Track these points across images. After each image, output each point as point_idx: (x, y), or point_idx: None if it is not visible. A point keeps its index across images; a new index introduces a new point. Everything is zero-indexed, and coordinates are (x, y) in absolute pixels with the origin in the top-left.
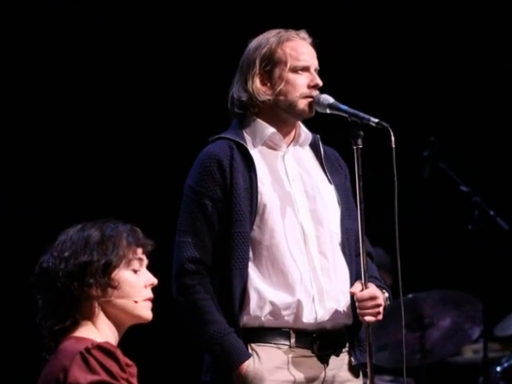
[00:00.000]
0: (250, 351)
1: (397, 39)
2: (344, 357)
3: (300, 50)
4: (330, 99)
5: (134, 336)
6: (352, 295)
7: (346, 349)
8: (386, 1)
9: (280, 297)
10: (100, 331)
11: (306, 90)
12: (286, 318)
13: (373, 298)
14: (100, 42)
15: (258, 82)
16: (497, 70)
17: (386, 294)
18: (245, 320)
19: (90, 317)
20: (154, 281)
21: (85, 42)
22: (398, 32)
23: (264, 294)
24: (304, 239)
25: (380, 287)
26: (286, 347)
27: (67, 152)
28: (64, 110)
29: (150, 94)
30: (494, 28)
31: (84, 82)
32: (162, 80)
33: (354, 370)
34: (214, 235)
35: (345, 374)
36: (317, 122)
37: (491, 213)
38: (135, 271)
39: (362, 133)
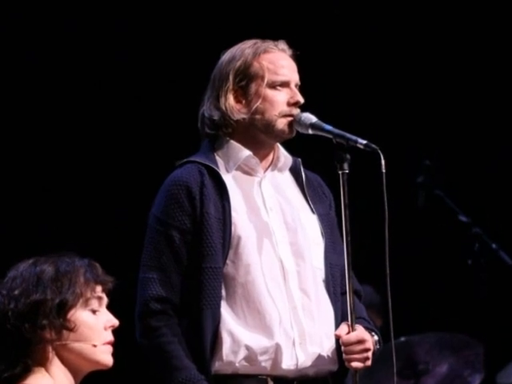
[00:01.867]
0: None
1: (390, 55)
2: None
3: (279, 62)
4: (313, 118)
5: (92, 383)
6: (337, 338)
7: None
8: (380, 12)
9: (256, 340)
10: (54, 378)
11: (285, 108)
12: (264, 363)
13: (360, 341)
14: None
15: (231, 98)
16: (497, 91)
17: (376, 337)
18: (217, 366)
19: (43, 362)
20: (115, 322)
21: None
22: (391, 48)
23: (238, 336)
24: (283, 275)
25: (369, 329)
26: None
27: (21, 176)
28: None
29: (111, 114)
30: (490, 51)
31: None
32: (122, 96)
33: None
34: (182, 271)
35: None
36: (298, 143)
37: (493, 246)
38: (94, 311)
39: (348, 156)
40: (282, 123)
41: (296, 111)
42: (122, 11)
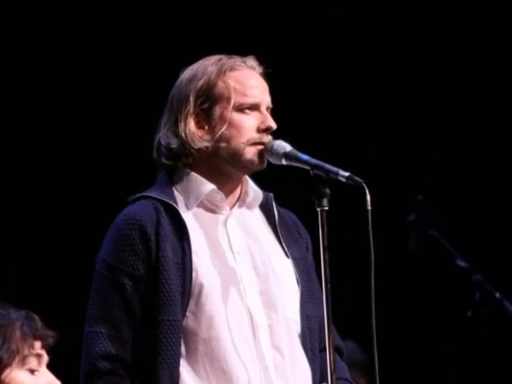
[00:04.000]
0: None
1: (378, 77)
2: None
3: (247, 82)
4: (287, 147)
5: None
6: None
7: None
8: (371, 23)
9: None
10: None
11: (254, 135)
12: None
13: None
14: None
15: (192, 123)
16: (496, 117)
17: None
18: None
19: None
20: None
21: None
22: (379, 69)
23: None
24: (252, 330)
25: None
26: None
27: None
28: None
29: (110, 115)
30: (487, 75)
31: None
32: (121, 98)
33: None
34: (134, 324)
35: None
36: (269, 175)
37: (496, 295)
38: (32, 371)
39: (328, 191)
40: (250, 152)
41: (267, 138)
42: (122, 11)
